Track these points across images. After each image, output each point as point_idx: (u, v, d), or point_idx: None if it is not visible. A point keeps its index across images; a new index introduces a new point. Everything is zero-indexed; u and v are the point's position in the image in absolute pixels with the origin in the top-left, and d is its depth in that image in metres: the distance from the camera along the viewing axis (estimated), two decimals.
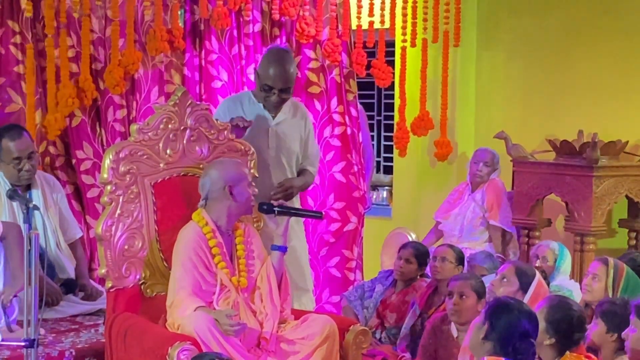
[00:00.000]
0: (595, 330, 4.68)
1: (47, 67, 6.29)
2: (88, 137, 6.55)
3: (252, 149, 5.45)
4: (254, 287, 4.93)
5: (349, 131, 7.54)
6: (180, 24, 6.78)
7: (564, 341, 4.35)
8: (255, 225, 5.24)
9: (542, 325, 4.28)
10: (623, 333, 4.45)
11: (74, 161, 6.53)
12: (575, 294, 5.95)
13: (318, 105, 7.43)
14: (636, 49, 7.80)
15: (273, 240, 5.06)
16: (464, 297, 5.44)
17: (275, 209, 5.00)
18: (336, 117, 7.50)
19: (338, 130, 7.51)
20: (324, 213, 5.21)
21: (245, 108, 5.89)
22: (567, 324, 4.37)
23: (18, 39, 6.31)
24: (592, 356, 4.44)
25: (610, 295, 5.23)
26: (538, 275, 5.29)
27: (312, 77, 7.43)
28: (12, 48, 6.31)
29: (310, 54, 7.43)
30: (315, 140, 6.32)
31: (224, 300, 4.79)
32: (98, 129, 6.61)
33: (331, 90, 7.51)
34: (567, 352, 4.34)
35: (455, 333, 5.57)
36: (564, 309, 4.42)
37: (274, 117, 5.92)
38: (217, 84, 7.07)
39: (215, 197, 4.89)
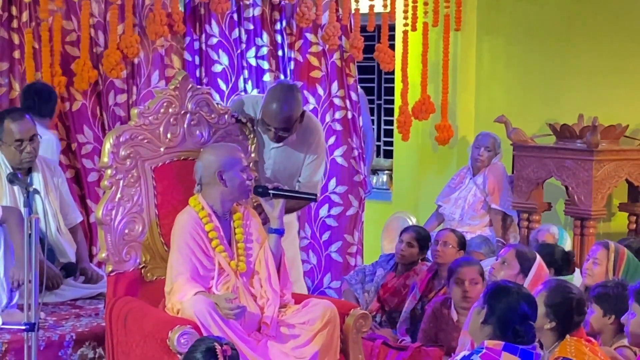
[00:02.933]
0: (593, 315, 4.69)
1: (42, 52, 6.28)
2: (88, 121, 6.54)
3: (253, 132, 5.44)
4: (253, 271, 4.92)
5: (349, 115, 7.54)
6: (180, 8, 6.77)
7: (564, 325, 4.35)
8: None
9: (542, 309, 4.28)
10: (622, 318, 4.46)
11: (74, 145, 6.52)
12: (575, 277, 5.96)
13: (320, 90, 7.43)
14: (637, 33, 7.79)
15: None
16: (474, 282, 5.48)
17: (271, 191, 4.96)
18: (337, 101, 7.50)
19: (339, 115, 7.51)
20: (317, 195, 5.07)
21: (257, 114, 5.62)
22: (567, 308, 4.37)
23: (15, 23, 6.30)
24: (592, 339, 4.45)
25: (610, 278, 5.24)
26: (539, 258, 5.30)
27: (314, 61, 7.42)
28: (12, 33, 6.31)
29: (312, 37, 7.42)
30: (321, 170, 5.82)
31: (224, 285, 4.78)
32: (99, 113, 6.60)
33: (332, 75, 7.50)
34: (567, 336, 4.35)
35: (455, 317, 5.59)
36: (563, 292, 4.42)
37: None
38: (218, 68, 7.07)
39: (208, 182, 4.87)
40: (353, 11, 7.51)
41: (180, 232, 4.80)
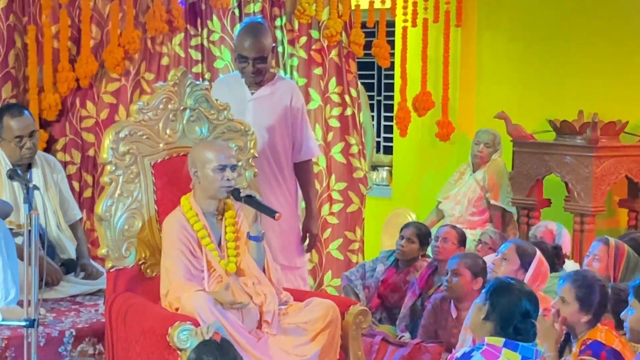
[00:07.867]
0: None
1: (44, 48, 6.28)
2: (68, 116, 6.53)
3: (252, 129, 5.42)
4: (242, 272, 4.89)
5: (348, 112, 7.53)
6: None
7: (598, 314, 4.39)
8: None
9: (574, 306, 4.29)
10: (622, 314, 4.47)
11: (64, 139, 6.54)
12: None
13: (323, 86, 7.43)
14: (636, 30, 7.78)
15: None
16: (458, 274, 5.52)
17: (242, 196, 4.82)
18: (334, 97, 7.49)
19: (337, 111, 7.50)
20: (278, 214, 4.93)
21: (232, 88, 5.75)
22: (600, 296, 4.39)
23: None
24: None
25: (611, 275, 5.24)
26: (539, 253, 5.30)
27: (317, 58, 7.42)
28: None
29: (314, 34, 7.42)
30: (307, 123, 5.97)
31: (217, 285, 4.76)
32: (78, 104, 6.56)
33: (330, 71, 7.50)
34: (599, 324, 4.38)
35: (455, 313, 5.59)
36: (592, 282, 4.43)
37: (253, 94, 5.74)
38: (220, 64, 7.07)
39: (192, 180, 4.87)
40: (353, 7, 7.50)
41: (168, 237, 4.79)
